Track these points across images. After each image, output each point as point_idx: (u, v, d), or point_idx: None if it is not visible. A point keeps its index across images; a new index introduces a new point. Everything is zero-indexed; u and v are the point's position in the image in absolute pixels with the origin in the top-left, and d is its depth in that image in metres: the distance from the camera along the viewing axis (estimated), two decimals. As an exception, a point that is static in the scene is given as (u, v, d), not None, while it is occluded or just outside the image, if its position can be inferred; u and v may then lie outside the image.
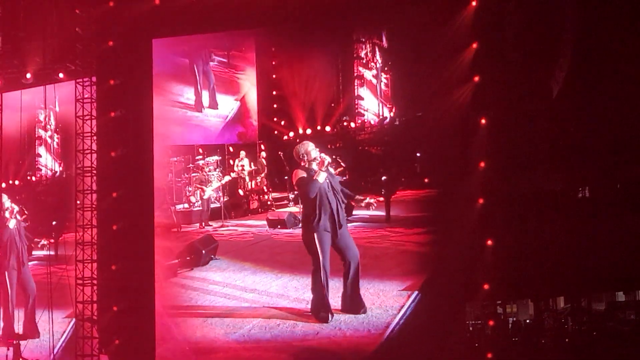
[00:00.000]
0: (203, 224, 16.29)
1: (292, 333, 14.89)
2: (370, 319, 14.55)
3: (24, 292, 17.45)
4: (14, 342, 16.55)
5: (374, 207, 14.60)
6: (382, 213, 14.89)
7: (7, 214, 17.38)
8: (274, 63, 15.58)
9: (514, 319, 16.21)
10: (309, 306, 14.91)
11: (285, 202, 15.58)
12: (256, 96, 15.51)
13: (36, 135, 18.07)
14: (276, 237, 15.73)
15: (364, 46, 14.96)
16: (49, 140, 17.81)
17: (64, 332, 16.96)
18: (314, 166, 14.34)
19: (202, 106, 15.56)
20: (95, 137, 16.27)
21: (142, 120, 16.47)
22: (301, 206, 14.94)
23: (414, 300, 14.48)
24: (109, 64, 16.42)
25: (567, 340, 15.13)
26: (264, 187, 15.70)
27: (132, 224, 16.20)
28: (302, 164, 14.42)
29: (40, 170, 18.10)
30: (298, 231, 15.06)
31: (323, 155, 14.34)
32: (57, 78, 17.23)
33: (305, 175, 14.36)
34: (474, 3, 14.38)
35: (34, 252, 17.68)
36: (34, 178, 18.04)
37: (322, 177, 14.29)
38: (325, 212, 14.28)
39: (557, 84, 15.45)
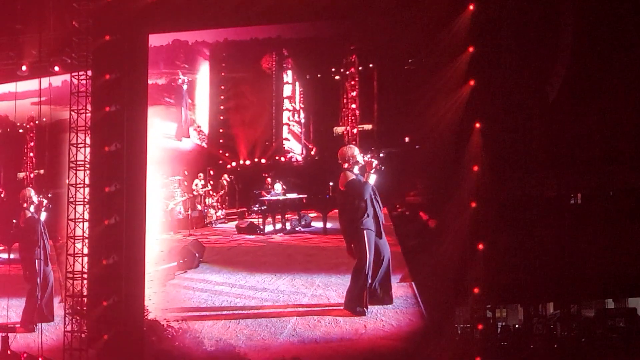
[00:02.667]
0: (172, 232, 17.59)
1: (341, 329, 14.76)
2: (402, 309, 14.63)
3: (44, 281, 16.97)
4: (2, 334, 16.43)
5: None
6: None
7: (32, 208, 17.00)
8: (222, 107, 18.11)
9: (503, 323, 16.22)
10: (332, 301, 15.02)
11: (235, 216, 17.88)
12: (207, 132, 18.39)
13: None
14: (274, 240, 16.89)
15: (290, 103, 17.60)
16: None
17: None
18: (356, 169, 14.46)
19: (182, 136, 18.33)
20: (89, 131, 16.22)
21: (137, 115, 16.48)
22: (342, 208, 14.95)
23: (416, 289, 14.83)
24: (105, 58, 16.39)
25: (555, 345, 15.14)
26: (217, 204, 17.92)
27: (123, 219, 16.17)
28: (347, 166, 14.49)
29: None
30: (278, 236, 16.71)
31: (368, 157, 14.59)
32: (52, 71, 17.22)
33: (354, 177, 14.44)
34: (471, 7, 14.39)
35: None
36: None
37: (372, 179, 14.38)
38: (375, 213, 14.37)
39: (553, 89, 15.47)
